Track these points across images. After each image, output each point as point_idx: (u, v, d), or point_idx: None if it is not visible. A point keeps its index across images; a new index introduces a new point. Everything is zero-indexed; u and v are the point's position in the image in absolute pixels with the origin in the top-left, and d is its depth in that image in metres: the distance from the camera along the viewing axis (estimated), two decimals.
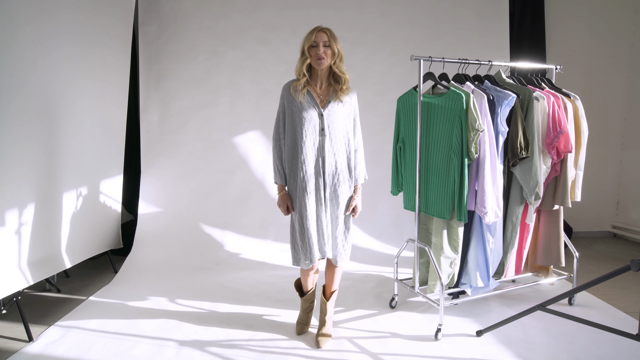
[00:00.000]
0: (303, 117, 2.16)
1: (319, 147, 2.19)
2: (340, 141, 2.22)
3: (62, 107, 2.79)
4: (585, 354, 2.19)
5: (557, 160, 2.69)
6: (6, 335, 2.42)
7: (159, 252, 3.74)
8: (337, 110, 2.20)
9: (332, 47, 2.11)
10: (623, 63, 4.60)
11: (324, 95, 2.22)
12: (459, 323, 2.56)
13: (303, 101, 2.17)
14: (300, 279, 2.46)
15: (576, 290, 2.13)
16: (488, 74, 2.74)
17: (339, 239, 2.27)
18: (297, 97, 2.17)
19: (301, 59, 2.16)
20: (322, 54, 2.09)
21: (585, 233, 4.74)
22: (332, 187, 2.22)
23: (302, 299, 2.45)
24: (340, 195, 2.24)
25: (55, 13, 2.65)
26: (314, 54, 2.11)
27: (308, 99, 2.19)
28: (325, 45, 2.11)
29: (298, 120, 2.18)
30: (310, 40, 2.11)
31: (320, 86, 2.22)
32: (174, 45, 4.03)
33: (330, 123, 2.18)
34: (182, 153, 4.05)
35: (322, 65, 2.12)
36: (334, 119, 2.19)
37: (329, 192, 2.22)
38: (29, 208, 2.49)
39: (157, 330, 2.49)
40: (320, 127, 2.18)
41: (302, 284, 2.44)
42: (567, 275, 2.93)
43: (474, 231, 2.60)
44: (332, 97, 2.20)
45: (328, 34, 2.12)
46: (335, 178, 2.22)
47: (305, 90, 2.18)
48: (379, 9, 4.17)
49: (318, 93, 2.22)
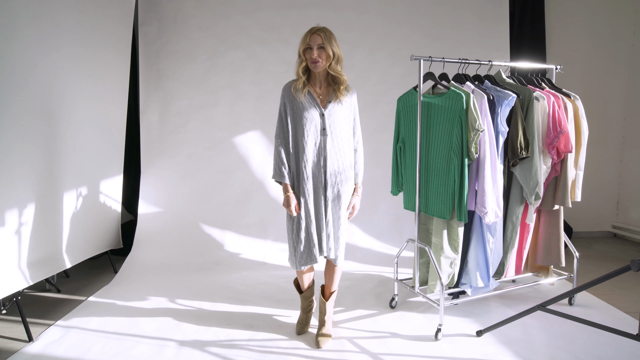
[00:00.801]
0: (305, 117, 2.17)
1: (321, 147, 2.19)
2: (342, 141, 2.23)
3: (62, 107, 2.79)
4: (585, 354, 2.19)
5: (557, 160, 2.69)
6: (6, 335, 2.42)
7: (159, 252, 3.74)
8: (338, 110, 2.21)
9: (327, 49, 2.10)
10: (623, 63, 4.60)
11: (324, 95, 2.23)
12: (459, 323, 2.56)
13: (304, 101, 2.18)
14: (297, 278, 2.46)
15: (576, 290, 2.13)
16: (488, 74, 2.74)
17: (340, 239, 2.28)
18: (298, 97, 2.18)
19: (298, 61, 2.19)
20: (316, 57, 2.10)
21: (585, 233, 4.74)
22: (334, 187, 2.23)
23: (302, 296, 2.45)
24: (343, 194, 2.24)
25: (55, 13, 2.65)
26: (309, 57, 2.12)
27: (309, 98, 2.20)
28: (319, 48, 2.10)
29: (299, 120, 2.18)
30: (305, 43, 2.13)
31: (320, 86, 2.23)
32: (174, 45, 4.03)
33: (332, 123, 2.19)
34: (182, 153, 4.06)
35: (317, 68, 2.14)
36: (335, 118, 2.20)
37: (331, 191, 2.22)
38: (29, 208, 2.48)
39: (157, 330, 2.49)
40: (321, 127, 2.19)
41: (300, 283, 2.44)
42: (567, 275, 2.93)
43: (474, 231, 2.60)
44: (332, 97, 2.21)
45: (322, 37, 2.09)
46: (338, 178, 2.22)
47: (305, 90, 2.19)
48: (378, 9, 4.17)
49: (318, 93, 2.23)
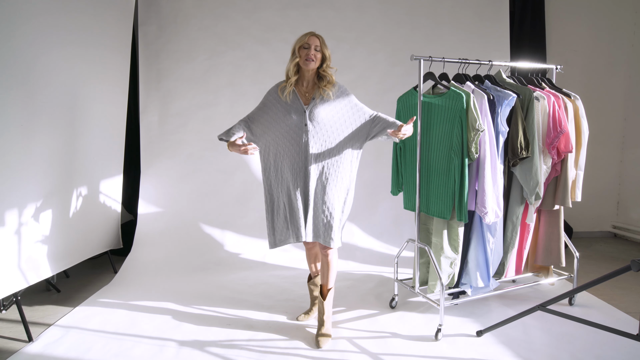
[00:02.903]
0: (287, 114, 2.26)
1: (303, 142, 2.24)
2: (326, 133, 2.27)
3: (62, 107, 2.79)
4: (585, 354, 2.19)
5: (558, 160, 2.68)
6: (6, 336, 2.42)
7: (159, 252, 3.74)
8: (321, 105, 2.26)
9: (324, 52, 2.25)
10: (623, 63, 4.59)
11: (309, 93, 2.31)
12: (459, 323, 2.55)
13: (288, 99, 2.27)
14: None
15: (576, 290, 2.14)
16: (488, 73, 2.74)
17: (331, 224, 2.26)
18: (283, 96, 2.27)
19: (291, 58, 2.27)
20: (312, 55, 2.20)
21: (585, 233, 4.74)
22: (319, 180, 2.27)
23: (309, 283, 2.64)
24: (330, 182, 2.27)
25: (55, 13, 2.65)
26: (304, 54, 2.21)
27: (292, 97, 2.28)
28: (316, 49, 2.22)
29: (282, 117, 2.26)
30: (303, 42, 2.23)
31: (307, 86, 2.31)
32: (174, 45, 4.03)
33: (314, 118, 2.24)
34: (182, 153, 4.05)
35: (309, 66, 2.22)
36: (318, 113, 2.24)
37: (315, 183, 2.27)
38: (29, 208, 2.49)
39: (157, 330, 2.49)
40: (303, 123, 2.24)
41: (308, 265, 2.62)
42: (568, 275, 2.93)
43: (474, 231, 2.60)
44: (316, 94, 2.28)
45: (321, 40, 2.24)
46: (323, 170, 2.27)
47: (291, 89, 2.27)
48: (379, 9, 4.17)
49: (303, 92, 2.31)
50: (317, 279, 2.60)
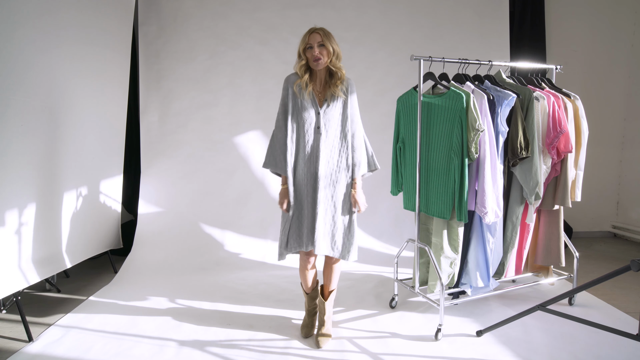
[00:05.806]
0: (304, 117, 2.20)
1: (314, 145, 2.20)
2: (337, 138, 2.23)
3: (62, 107, 2.79)
4: (585, 354, 2.19)
5: (557, 160, 2.68)
6: (6, 335, 2.42)
7: (159, 252, 3.74)
8: (333, 108, 2.22)
9: (327, 46, 2.15)
10: (623, 63, 4.60)
11: (322, 93, 2.25)
12: (459, 323, 2.56)
13: (306, 99, 2.20)
14: (300, 278, 2.45)
15: (576, 290, 2.13)
16: (488, 73, 2.74)
17: (337, 236, 2.25)
18: (301, 95, 2.20)
19: (297, 61, 2.22)
20: (317, 54, 2.13)
21: (585, 233, 4.74)
22: (327, 182, 2.22)
23: (308, 296, 2.44)
24: (338, 191, 2.23)
25: (55, 12, 2.65)
26: (310, 55, 2.16)
27: (309, 97, 2.22)
28: (319, 45, 2.14)
29: (299, 118, 2.21)
30: (305, 43, 2.17)
31: (320, 84, 2.25)
32: (174, 45, 4.03)
33: (327, 121, 2.21)
34: (182, 153, 4.05)
35: (319, 65, 2.16)
36: (330, 117, 2.21)
37: (324, 190, 2.21)
38: (29, 208, 2.48)
39: (157, 330, 2.49)
40: (316, 125, 2.20)
41: (303, 283, 2.42)
42: (567, 275, 2.93)
43: (474, 231, 2.60)
44: (328, 95, 2.23)
45: (321, 34, 2.15)
46: (332, 175, 2.23)
47: (310, 89, 2.20)
48: (379, 9, 4.17)
49: (317, 92, 2.25)
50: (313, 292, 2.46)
